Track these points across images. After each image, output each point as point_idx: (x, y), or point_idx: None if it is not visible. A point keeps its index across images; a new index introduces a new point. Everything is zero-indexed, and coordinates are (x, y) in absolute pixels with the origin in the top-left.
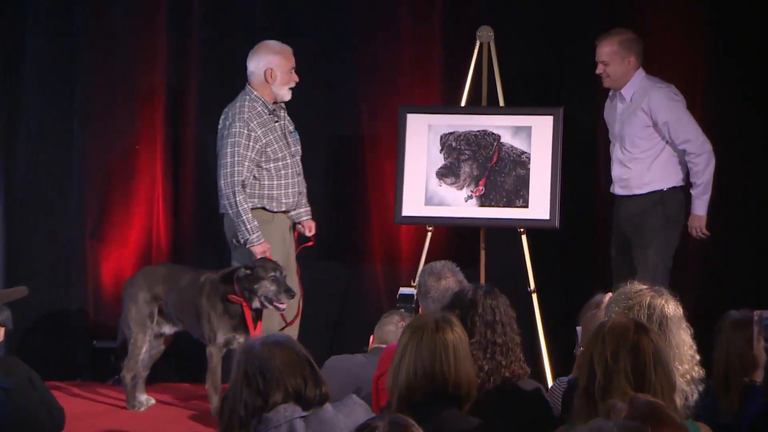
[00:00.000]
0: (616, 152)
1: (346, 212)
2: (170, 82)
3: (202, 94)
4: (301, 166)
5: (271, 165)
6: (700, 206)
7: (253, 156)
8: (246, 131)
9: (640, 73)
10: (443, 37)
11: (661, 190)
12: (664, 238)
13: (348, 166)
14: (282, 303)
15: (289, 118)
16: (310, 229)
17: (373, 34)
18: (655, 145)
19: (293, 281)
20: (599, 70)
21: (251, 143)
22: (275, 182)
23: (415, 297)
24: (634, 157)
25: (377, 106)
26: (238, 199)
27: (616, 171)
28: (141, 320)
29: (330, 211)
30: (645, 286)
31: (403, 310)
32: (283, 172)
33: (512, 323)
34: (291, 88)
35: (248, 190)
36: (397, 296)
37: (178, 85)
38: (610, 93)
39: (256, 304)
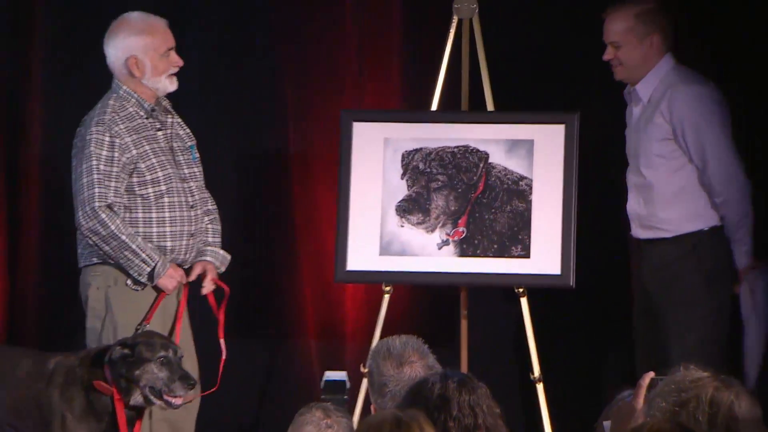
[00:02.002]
0: (631, 176)
1: (264, 265)
2: (3, 75)
3: (49, 100)
4: (202, 197)
5: (149, 190)
6: (740, 258)
7: (120, 173)
8: (108, 138)
9: (667, 62)
10: (405, 12)
11: (698, 231)
12: (706, 300)
13: (267, 199)
14: (176, 397)
15: (187, 129)
16: (211, 271)
17: (302, 11)
18: (682, 167)
19: (191, 364)
20: (608, 55)
21: (116, 154)
22: (154, 215)
23: (348, 385)
24: (653, 184)
25: (310, 111)
26: (112, 227)
27: (631, 203)
28: None
29: (241, 264)
30: (707, 374)
31: (330, 403)
32: (167, 200)
33: (499, 425)
34: (174, 74)
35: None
36: (322, 383)
37: (16, 79)
38: (625, 91)
39: (136, 398)
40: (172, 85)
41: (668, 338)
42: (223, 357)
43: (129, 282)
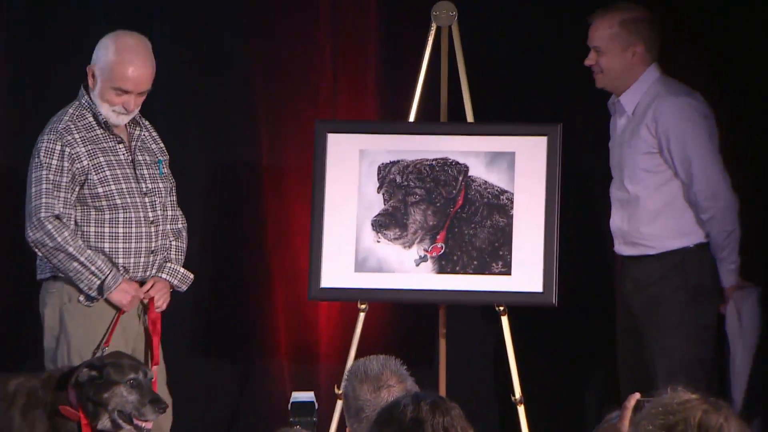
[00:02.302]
0: (614, 191)
1: (233, 283)
2: None
3: (9, 109)
4: (166, 214)
5: (102, 203)
6: (726, 277)
7: (71, 184)
8: (59, 146)
9: (652, 73)
10: (381, 19)
11: (684, 248)
12: (691, 319)
13: (237, 213)
14: (147, 421)
15: (160, 144)
16: (155, 285)
17: (273, 16)
18: (668, 182)
19: (160, 387)
20: (590, 60)
21: (66, 163)
22: (106, 230)
23: (317, 406)
24: (636, 199)
25: (282, 122)
26: (58, 239)
27: (614, 219)
28: None
29: (211, 281)
30: (695, 396)
31: (298, 426)
32: (122, 215)
33: None
34: (119, 113)
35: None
36: (290, 404)
37: None
38: (609, 101)
39: (104, 423)
40: (116, 120)
41: (652, 358)
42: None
43: (81, 298)
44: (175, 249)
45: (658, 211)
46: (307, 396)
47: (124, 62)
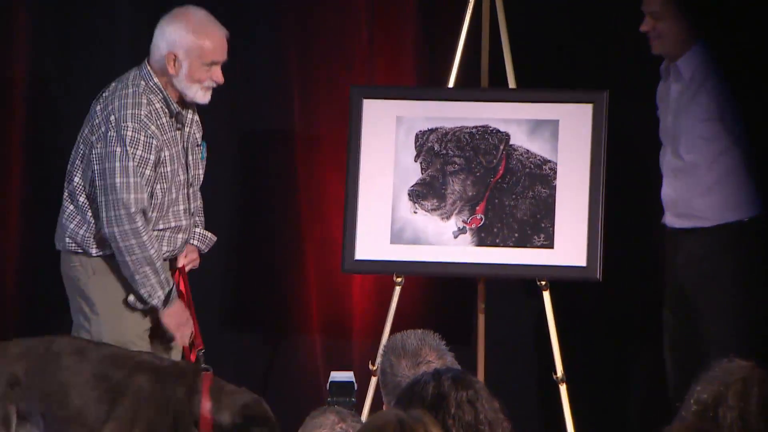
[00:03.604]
0: (667, 160)
1: (266, 255)
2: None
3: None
4: (198, 202)
5: (162, 198)
6: None
7: (152, 176)
8: (143, 137)
9: (708, 43)
10: None
11: (740, 221)
12: (747, 295)
13: (269, 183)
14: None
15: (197, 118)
16: (188, 254)
17: None
18: (726, 151)
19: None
20: (646, 26)
21: (152, 156)
22: (161, 224)
23: (356, 386)
24: (693, 168)
25: (316, 87)
26: (141, 238)
27: (667, 190)
28: None
29: (241, 253)
30: (751, 363)
31: (337, 405)
32: (165, 212)
33: (500, 419)
34: (208, 88)
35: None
36: (328, 384)
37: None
38: (662, 66)
39: None
40: (204, 98)
41: (704, 336)
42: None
43: (131, 299)
44: (197, 212)
45: (715, 181)
46: (347, 376)
47: (210, 35)
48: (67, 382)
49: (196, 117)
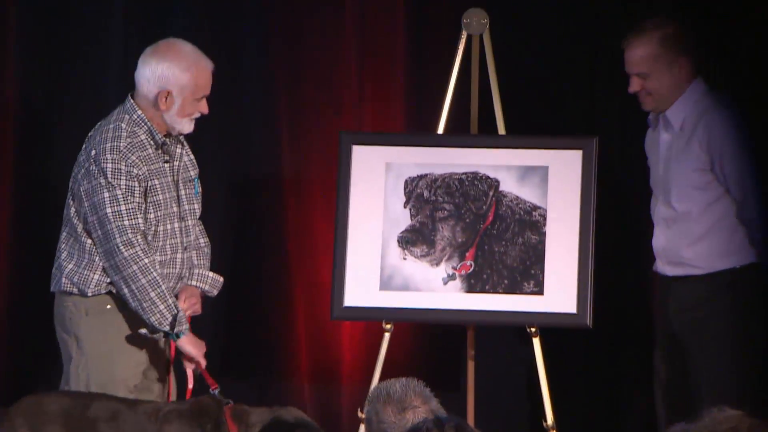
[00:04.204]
0: (658, 209)
1: (255, 301)
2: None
3: (25, 100)
4: (196, 236)
5: (152, 229)
6: None
7: (141, 204)
8: (124, 167)
9: (698, 86)
10: (410, 26)
11: (732, 268)
12: (741, 343)
13: (258, 229)
14: None
15: (191, 156)
16: (187, 299)
17: (297, 22)
18: (717, 200)
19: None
20: (634, 86)
21: (135, 184)
22: (157, 257)
23: None
24: (685, 218)
25: (305, 133)
26: (143, 262)
27: (658, 239)
28: None
29: (229, 298)
30: (741, 413)
31: None
32: (160, 243)
33: None
34: (193, 119)
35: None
36: None
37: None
38: (650, 116)
39: None
40: (189, 128)
41: (698, 383)
42: (190, 386)
43: (143, 331)
44: (198, 256)
45: (707, 229)
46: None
47: (201, 70)
48: None
49: (191, 156)
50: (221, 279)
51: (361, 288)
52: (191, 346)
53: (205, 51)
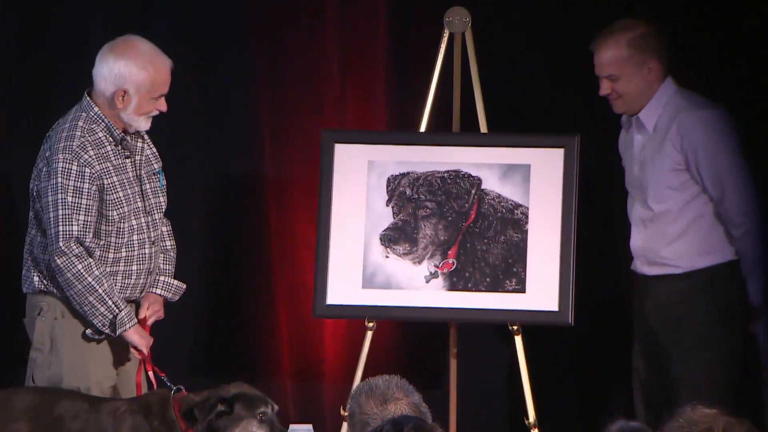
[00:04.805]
0: (635, 210)
1: (236, 300)
2: None
3: (8, 105)
4: (163, 231)
5: (115, 226)
6: (758, 294)
7: (91, 204)
8: (75, 167)
9: (669, 86)
10: (392, 24)
11: (711, 266)
12: (719, 340)
13: (240, 227)
14: None
15: (153, 150)
16: (150, 306)
17: (278, 20)
18: (694, 199)
19: None
20: (605, 89)
21: (86, 185)
22: (111, 255)
23: None
24: (662, 218)
25: (287, 131)
26: (82, 265)
27: (636, 240)
28: None
29: (207, 297)
30: (716, 410)
31: None
32: (126, 239)
33: None
34: (150, 117)
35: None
36: None
37: None
38: (623, 118)
39: None
40: (146, 125)
41: (675, 380)
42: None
43: (89, 332)
44: (164, 260)
45: (684, 228)
46: (305, 428)
47: (158, 69)
48: None
49: (153, 149)
50: (184, 286)
51: (344, 286)
52: (137, 335)
53: (186, 51)
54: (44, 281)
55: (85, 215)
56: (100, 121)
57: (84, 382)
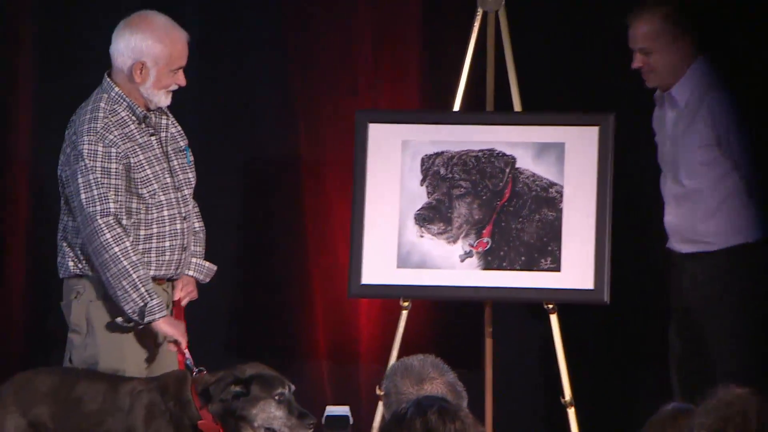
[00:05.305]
0: (668, 186)
1: (269, 280)
2: None
3: (41, 96)
4: (193, 205)
5: (146, 203)
6: None
7: (120, 184)
8: (101, 148)
9: (702, 64)
10: (425, 3)
11: (745, 243)
12: (755, 317)
13: (275, 207)
14: None
15: (178, 127)
16: (184, 287)
17: (313, 7)
18: (727, 174)
19: None
20: (637, 62)
21: (113, 165)
22: (142, 232)
23: (351, 420)
24: (695, 194)
25: (321, 111)
26: (119, 248)
27: (669, 216)
28: None
29: (243, 278)
30: (749, 390)
31: None
32: (156, 215)
33: None
34: (169, 92)
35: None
36: (324, 419)
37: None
38: (656, 94)
39: None
40: (167, 100)
41: (712, 357)
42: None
43: (119, 320)
44: (195, 242)
45: (718, 206)
46: (342, 410)
47: (175, 41)
48: (96, 422)
49: (178, 126)
50: (215, 267)
51: (379, 266)
52: (168, 326)
53: (219, 34)
54: (79, 265)
55: (115, 194)
56: (122, 100)
57: (120, 362)
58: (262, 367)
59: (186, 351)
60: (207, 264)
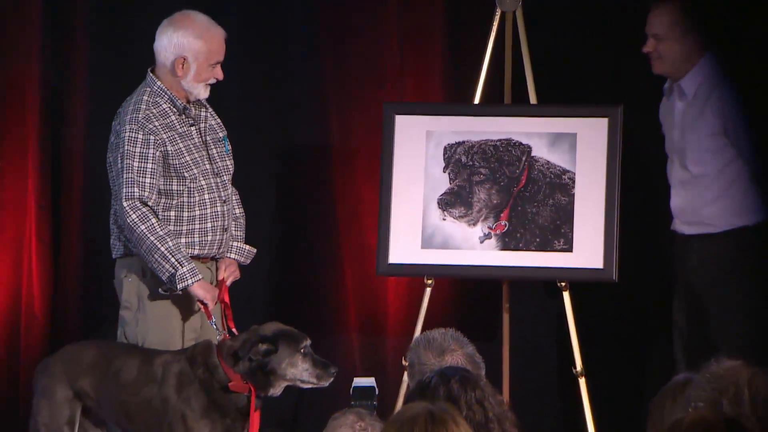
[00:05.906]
0: (675, 172)
1: (303, 260)
2: (47, 72)
3: (95, 90)
4: (231, 191)
5: (186, 187)
6: None
7: (156, 168)
8: (141, 135)
9: (710, 59)
10: (448, 4)
11: (747, 226)
12: (757, 296)
13: (307, 192)
14: (321, 383)
15: (218, 120)
16: (227, 268)
17: (344, 3)
18: (732, 162)
19: None
20: (649, 47)
21: (151, 150)
22: (185, 214)
23: (377, 391)
24: (700, 180)
25: (351, 104)
26: (145, 225)
27: (675, 200)
28: (56, 429)
29: (279, 259)
30: (739, 362)
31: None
32: (198, 198)
33: (507, 413)
34: (208, 85)
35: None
36: (351, 389)
37: (59, 76)
38: (666, 85)
39: (276, 390)
40: (205, 93)
41: (715, 336)
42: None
43: (161, 290)
44: (235, 227)
45: (722, 191)
46: (368, 381)
47: (213, 37)
48: (127, 401)
49: (217, 119)
50: (255, 250)
51: (404, 246)
52: (201, 289)
53: (257, 31)
54: (128, 246)
55: (150, 178)
56: (163, 93)
57: (170, 335)
58: (280, 324)
59: (211, 314)
60: (247, 247)
